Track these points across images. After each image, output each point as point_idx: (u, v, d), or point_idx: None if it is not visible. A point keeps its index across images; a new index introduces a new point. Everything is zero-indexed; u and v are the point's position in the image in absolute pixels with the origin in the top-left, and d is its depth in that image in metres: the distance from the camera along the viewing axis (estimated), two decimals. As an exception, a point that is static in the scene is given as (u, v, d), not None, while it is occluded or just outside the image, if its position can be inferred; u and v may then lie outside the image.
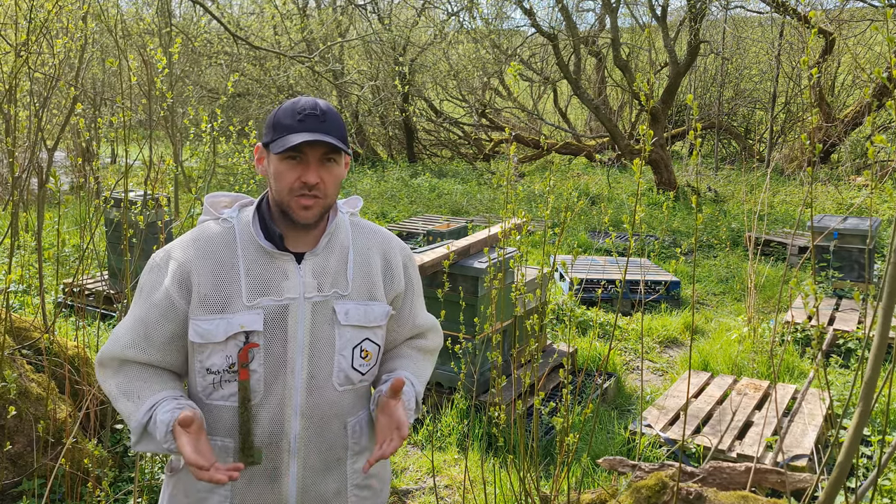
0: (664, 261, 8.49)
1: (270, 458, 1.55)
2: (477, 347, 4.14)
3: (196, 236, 1.57)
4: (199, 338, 1.51)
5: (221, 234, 1.56)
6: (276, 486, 1.56)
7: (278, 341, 1.52)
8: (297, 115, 1.48)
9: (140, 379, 1.55)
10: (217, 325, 1.50)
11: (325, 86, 15.70)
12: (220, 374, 1.52)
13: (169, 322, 1.54)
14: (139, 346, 1.55)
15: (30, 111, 5.34)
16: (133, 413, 1.51)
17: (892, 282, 1.73)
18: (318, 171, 1.49)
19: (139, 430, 1.51)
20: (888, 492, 3.29)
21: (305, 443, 1.56)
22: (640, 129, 2.23)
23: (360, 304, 1.59)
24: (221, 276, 1.52)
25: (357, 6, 16.44)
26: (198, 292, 1.51)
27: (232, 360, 1.51)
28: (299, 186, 1.48)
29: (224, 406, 1.54)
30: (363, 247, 1.64)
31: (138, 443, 1.52)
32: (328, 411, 1.58)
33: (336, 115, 1.53)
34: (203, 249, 1.54)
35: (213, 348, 1.51)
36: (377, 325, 1.62)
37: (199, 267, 1.53)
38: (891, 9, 2.14)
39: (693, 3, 12.36)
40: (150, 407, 1.51)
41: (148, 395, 1.53)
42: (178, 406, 1.49)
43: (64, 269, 6.95)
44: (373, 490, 1.69)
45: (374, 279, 1.62)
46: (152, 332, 1.54)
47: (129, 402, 1.53)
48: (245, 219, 1.57)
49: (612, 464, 3.13)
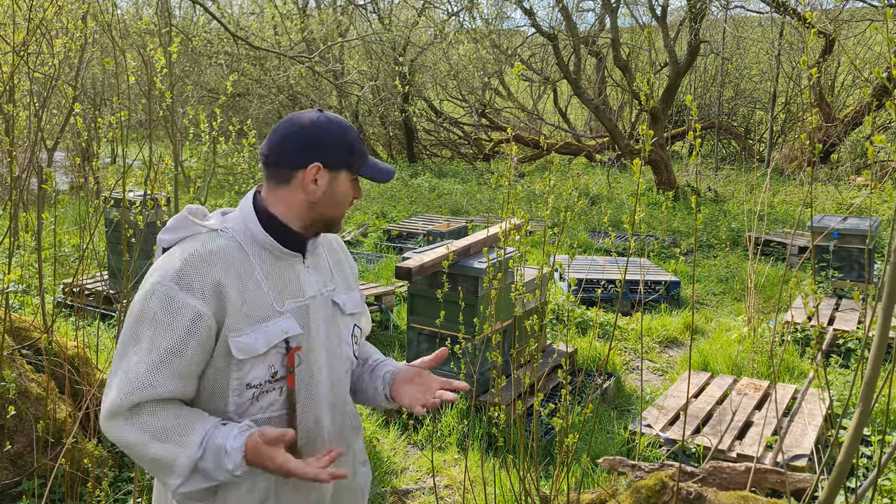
0: (664, 261, 8.49)
1: (310, 454, 1.56)
2: (477, 347, 4.14)
3: (208, 251, 1.48)
4: (241, 353, 1.45)
5: (230, 244, 1.51)
6: (316, 484, 1.57)
7: (310, 341, 1.57)
8: (360, 141, 1.59)
9: (167, 415, 1.42)
10: (256, 338, 1.47)
11: (325, 86, 15.69)
12: (260, 388, 1.50)
13: (204, 349, 1.44)
14: (177, 383, 1.42)
15: (29, 111, 5.33)
16: (178, 453, 1.39)
17: (891, 282, 1.73)
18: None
19: (188, 469, 1.40)
20: (888, 492, 3.29)
21: (333, 434, 1.63)
22: (640, 129, 2.23)
23: (347, 293, 1.70)
24: (246, 286, 1.49)
25: (357, 6, 16.44)
26: (233, 307, 1.46)
27: (274, 369, 1.50)
28: (350, 202, 1.61)
29: (260, 419, 1.51)
30: (325, 244, 1.73)
31: (185, 483, 1.41)
32: (342, 398, 1.67)
33: None
34: (223, 263, 1.48)
35: (254, 362, 1.48)
36: (361, 311, 1.74)
37: (227, 281, 1.46)
38: (890, 9, 2.12)
39: (693, 3, 12.36)
40: (200, 442, 1.40)
41: (190, 430, 1.41)
42: (243, 429, 1.43)
43: (64, 269, 6.95)
44: (367, 466, 1.81)
45: (345, 271, 1.74)
46: (188, 364, 1.43)
47: (168, 444, 1.40)
48: (240, 226, 1.54)
49: (612, 464, 3.13)
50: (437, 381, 1.65)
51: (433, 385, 1.64)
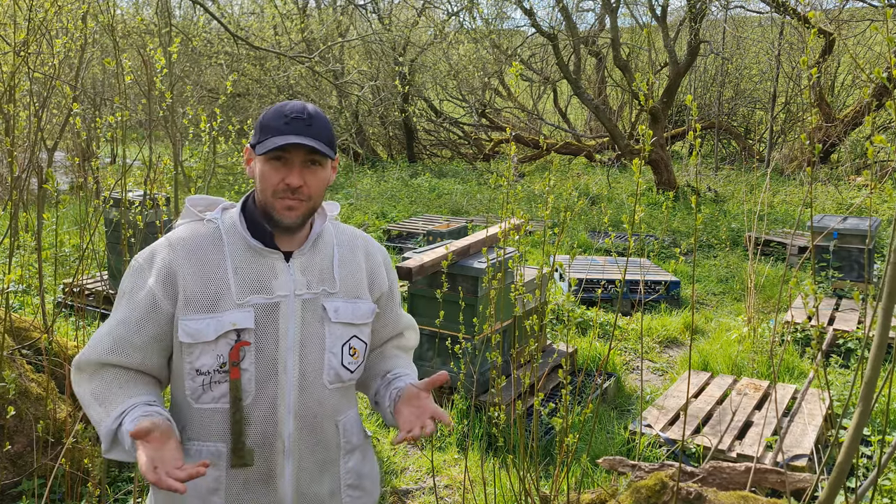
0: (664, 261, 8.49)
1: (264, 459, 1.53)
2: (476, 347, 4.14)
3: (180, 236, 1.55)
4: (189, 337, 1.49)
5: (207, 234, 1.56)
6: (271, 488, 1.55)
7: (270, 339, 1.52)
8: (283, 118, 1.49)
9: (116, 384, 1.52)
10: (207, 325, 1.49)
11: (325, 86, 15.69)
12: (210, 375, 1.50)
13: (151, 323, 1.52)
14: (121, 349, 1.52)
15: (29, 111, 5.34)
16: (103, 419, 1.48)
17: (891, 282, 1.73)
18: (301, 174, 1.50)
19: (109, 438, 1.48)
20: (888, 492, 3.29)
21: (299, 443, 1.56)
22: (640, 129, 2.23)
23: (348, 301, 1.61)
24: (209, 274, 1.51)
25: (357, 6, 16.44)
26: (185, 292, 1.50)
27: (223, 359, 1.49)
28: (282, 188, 1.50)
29: (215, 409, 1.52)
30: (347, 247, 1.66)
31: (109, 450, 1.50)
32: (320, 410, 1.58)
33: (324, 118, 1.53)
34: (189, 249, 1.53)
35: (204, 348, 1.49)
36: (364, 322, 1.64)
37: (186, 266, 1.51)
38: (890, 9, 2.12)
39: (693, 3, 12.36)
40: (119, 414, 1.47)
41: (119, 401, 1.49)
42: (145, 414, 1.45)
43: (64, 269, 6.95)
44: (365, 490, 1.70)
45: (359, 278, 1.65)
46: (135, 333, 1.52)
47: (101, 408, 1.49)
48: (230, 219, 1.57)
49: (612, 464, 3.13)
50: (429, 410, 1.54)
51: (425, 412, 1.54)
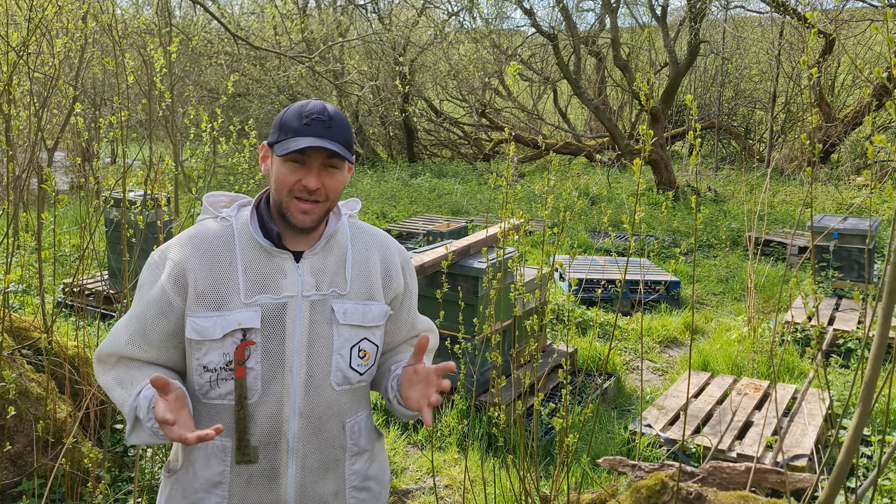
0: (664, 261, 8.49)
1: (268, 457, 1.54)
2: (477, 347, 4.14)
3: (193, 234, 1.57)
4: (196, 335, 1.51)
5: (219, 232, 1.57)
6: (274, 486, 1.56)
7: (276, 339, 1.52)
8: (303, 119, 1.48)
9: (136, 368, 1.55)
10: (214, 323, 1.50)
11: (325, 86, 15.69)
12: (217, 372, 1.52)
13: (165, 319, 1.54)
14: (136, 343, 1.55)
15: (29, 111, 5.34)
16: (126, 399, 1.51)
17: (892, 282, 1.73)
18: (319, 176, 1.50)
19: (132, 417, 1.50)
20: (888, 492, 3.29)
21: (303, 443, 1.56)
22: (640, 129, 2.23)
23: (358, 303, 1.59)
24: (218, 273, 1.53)
25: (357, 6, 16.45)
26: (194, 289, 1.52)
27: (229, 357, 1.51)
28: (299, 189, 1.50)
29: (222, 405, 1.54)
30: (362, 247, 1.64)
31: (132, 433, 1.52)
32: (326, 411, 1.58)
33: (343, 120, 1.53)
34: (200, 247, 1.55)
35: (210, 345, 1.51)
36: (375, 324, 1.61)
37: (196, 264, 1.53)
38: (890, 9, 2.13)
39: (693, 3, 12.36)
40: (139, 391, 1.49)
41: (140, 381, 1.52)
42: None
43: (64, 269, 6.95)
44: (371, 492, 1.69)
45: (372, 279, 1.63)
46: (149, 328, 1.54)
47: (123, 391, 1.52)
48: (243, 217, 1.58)
49: (612, 464, 3.13)
50: (431, 379, 1.51)
51: (431, 377, 1.51)
